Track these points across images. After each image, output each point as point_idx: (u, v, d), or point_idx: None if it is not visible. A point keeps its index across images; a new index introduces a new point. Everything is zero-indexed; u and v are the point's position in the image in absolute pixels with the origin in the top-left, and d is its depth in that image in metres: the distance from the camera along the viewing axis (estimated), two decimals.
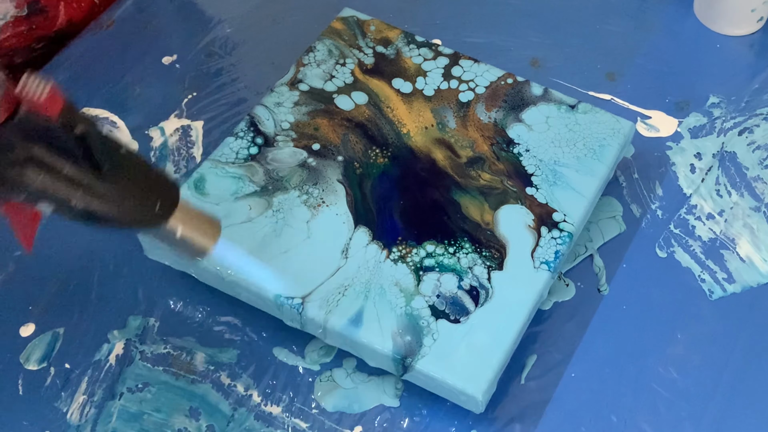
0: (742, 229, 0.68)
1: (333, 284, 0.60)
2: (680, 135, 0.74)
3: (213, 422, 0.60)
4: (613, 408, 0.60)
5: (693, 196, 0.70)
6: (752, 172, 0.71)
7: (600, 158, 0.66)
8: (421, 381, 0.58)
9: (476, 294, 0.60)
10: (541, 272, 0.61)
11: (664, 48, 0.80)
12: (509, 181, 0.65)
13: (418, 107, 0.69)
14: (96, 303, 0.65)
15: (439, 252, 0.61)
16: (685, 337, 0.63)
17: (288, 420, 0.60)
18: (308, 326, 0.60)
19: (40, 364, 0.62)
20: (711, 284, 0.66)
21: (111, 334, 0.63)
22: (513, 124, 0.68)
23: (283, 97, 0.69)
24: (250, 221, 0.63)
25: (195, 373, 0.62)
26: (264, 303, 0.61)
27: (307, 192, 0.64)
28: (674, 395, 0.61)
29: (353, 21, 0.74)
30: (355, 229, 0.63)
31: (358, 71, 0.71)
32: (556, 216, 0.63)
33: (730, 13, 0.79)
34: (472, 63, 0.71)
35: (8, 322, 0.64)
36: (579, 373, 0.62)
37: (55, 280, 0.66)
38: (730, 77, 0.78)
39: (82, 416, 0.60)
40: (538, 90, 0.70)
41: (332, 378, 0.61)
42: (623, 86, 0.77)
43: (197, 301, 0.65)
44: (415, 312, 0.59)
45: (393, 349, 0.57)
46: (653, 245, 0.68)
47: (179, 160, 0.72)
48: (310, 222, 0.63)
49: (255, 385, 0.61)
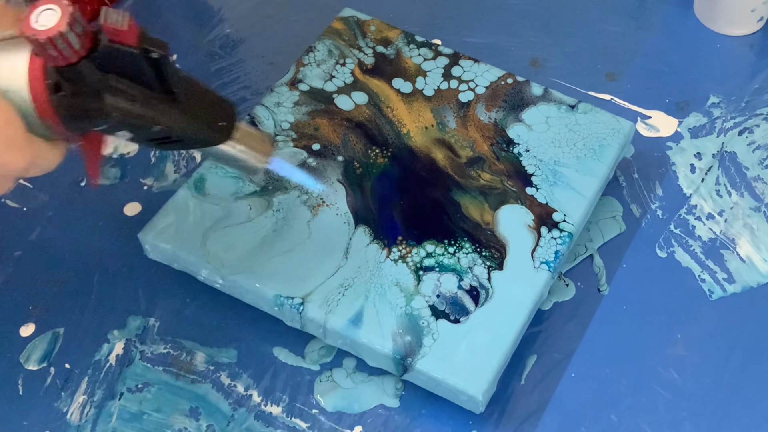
0: (742, 229, 0.68)
1: (333, 284, 0.60)
2: (680, 135, 0.74)
3: (213, 422, 0.60)
4: (613, 408, 0.60)
5: (693, 196, 0.70)
6: (752, 172, 0.71)
7: (600, 158, 0.66)
8: (421, 381, 0.58)
9: (476, 294, 0.60)
10: (541, 272, 0.61)
11: (664, 48, 0.80)
12: (509, 181, 0.65)
13: (418, 107, 0.69)
14: (96, 303, 0.65)
15: (439, 252, 0.61)
16: (685, 337, 0.63)
17: (288, 420, 0.60)
18: (308, 326, 0.60)
19: (40, 364, 0.62)
20: (711, 284, 0.66)
21: (111, 334, 0.63)
22: (513, 124, 0.68)
23: (283, 97, 0.69)
24: (250, 221, 0.63)
25: (195, 373, 0.62)
26: (264, 303, 0.61)
27: (307, 192, 0.64)
28: (674, 395, 0.61)
29: (353, 21, 0.74)
30: (355, 229, 0.63)
31: (358, 71, 0.71)
32: (556, 216, 0.63)
33: (730, 13, 0.79)
34: (472, 63, 0.71)
35: (8, 322, 0.64)
36: (579, 373, 0.62)
37: (55, 280, 0.66)
38: (730, 77, 0.78)
39: (82, 416, 0.60)
40: (538, 90, 0.70)
41: (332, 378, 0.61)
42: (623, 86, 0.77)
43: (197, 301, 0.65)
44: (415, 312, 0.59)
45: (393, 349, 0.57)
46: (653, 245, 0.68)
47: (179, 160, 0.72)
48: (311, 222, 0.63)
49: (255, 385, 0.61)
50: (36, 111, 0.44)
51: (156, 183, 0.71)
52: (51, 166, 0.47)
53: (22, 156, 0.44)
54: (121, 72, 0.45)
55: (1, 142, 0.43)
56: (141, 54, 0.45)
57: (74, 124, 0.45)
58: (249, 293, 0.61)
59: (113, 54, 0.44)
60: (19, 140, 0.44)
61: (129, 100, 0.45)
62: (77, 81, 0.44)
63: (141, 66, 0.45)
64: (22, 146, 0.44)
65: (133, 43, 0.44)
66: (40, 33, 0.42)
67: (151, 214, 0.64)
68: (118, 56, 0.44)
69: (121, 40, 0.44)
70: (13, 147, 0.44)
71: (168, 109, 0.47)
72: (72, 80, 0.44)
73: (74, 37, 0.42)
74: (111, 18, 0.43)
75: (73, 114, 0.45)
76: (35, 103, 0.44)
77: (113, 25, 0.43)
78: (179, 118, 0.48)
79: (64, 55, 0.43)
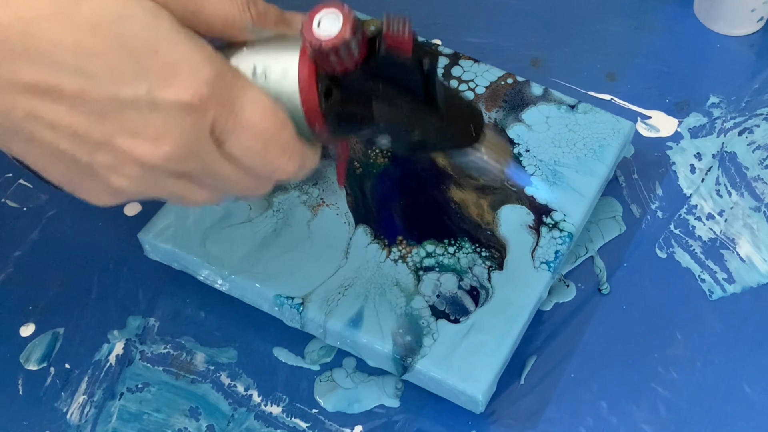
0: (742, 229, 0.68)
1: (333, 284, 0.60)
2: (680, 135, 0.74)
3: (213, 422, 0.60)
4: (613, 408, 0.60)
5: (693, 196, 0.70)
6: (752, 172, 0.71)
7: (600, 158, 0.66)
8: (421, 381, 0.58)
9: (476, 294, 0.60)
10: (542, 272, 0.61)
11: (664, 48, 0.80)
12: (509, 181, 0.65)
13: None
14: (96, 303, 0.65)
15: (439, 252, 0.61)
16: (685, 337, 0.63)
17: (288, 420, 0.60)
18: (308, 326, 0.60)
19: (40, 364, 0.62)
20: (711, 284, 0.66)
21: (111, 334, 0.63)
22: (513, 124, 0.68)
23: None
24: (250, 221, 0.63)
25: (195, 373, 0.62)
26: (264, 303, 0.61)
27: (307, 192, 0.64)
28: (674, 395, 0.61)
29: None
30: (355, 229, 0.63)
31: None
32: (556, 216, 0.63)
33: (730, 13, 0.79)
34: (472, 63, 0.71)
35: (8, 322, 0.64)
36: (579, 373, 0.62)
37: (55, 280, 0.66)
38: (730, 77, 0.78)
39: (82, 416, 0.60)
40: (538, 90, 0.70)
41: (332, 378, 0.61)
42: (623, 86, 0.77)
43: (197, 301, 0.65)
44: (415, 312, 0.59)
45: (393, 349, 0.58)
46: (653, 245, 0.68)
47: None
48: (311, 222, 0.63)
49: (255, 385, 0.61)
50: (305, 116, 0.44)
51: None
52: (311, 169, 0.46)
53: (294, 160, 0.44)
54: (391, 79, 0.44)
55: (277, 146, 0.43)
56: (413, 64, 0.44)
57: (340, 130, 0.45)
58: (249, 293, 0.61)
59: (388, 62, 0.43)
60: (292, 145, 0.44)
61: (396, 108, 0.45)
62: (349, 88, 0.43)
63: (411, 74, 0.44)
64: (295, 150, 0.44)
65: (409, 52, 0.43)
66: (325, 40, 0.41)
67: (151, 214, 0.64)
68: (393, 65, 0.43)
69: (399, 49, 0.43)
70: (287, 151, 0.43)
71: (429, 118, 0.46)
72: (344, 87, 0.43)
73: (356, 44, 0.41)
74: (393, 27, 0.42)
75: (341, 120, 0.44)
76: (305, 108, 0.43)
77: (395, 35, 0.42)
78: (438, 125, 0.47)
79: (344, 63, 0.42)
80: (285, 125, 0.43)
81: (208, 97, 0.40)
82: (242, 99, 0.42)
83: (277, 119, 0.43)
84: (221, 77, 0.41)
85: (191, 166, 0.42)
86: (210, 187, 0.44)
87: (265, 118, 0.42)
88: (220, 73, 0.41)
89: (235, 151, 0.42)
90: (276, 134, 0.43)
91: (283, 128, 0.43)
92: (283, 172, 0.44)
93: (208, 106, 0.40)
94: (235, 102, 0.41)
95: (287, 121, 0.43)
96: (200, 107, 0.40)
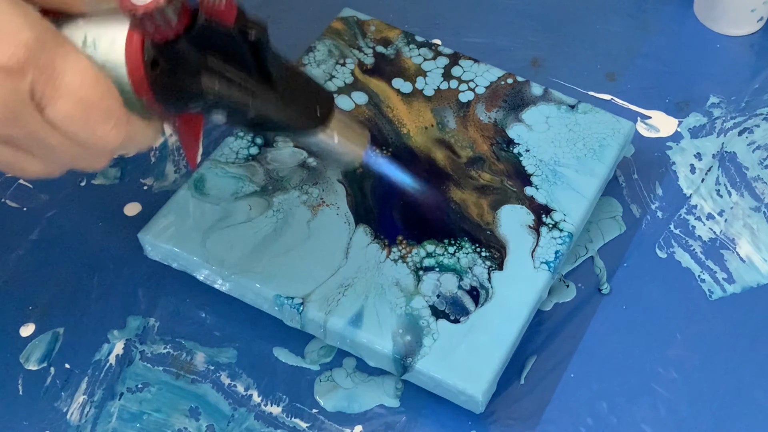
0: (742, 229, 0.68)
1: (333, 284, 0.60)
2: (680, 135, 0.74)
3: (213, 422, 0.60)
4: (613, 408, 0.60)
5: (693, 196, 0.70)
6: (752, 172, 0.71)
7: (600, 158, 0.66)
8: (421, 381, 0.58)
9: (476, 294, 0.60)
10: (542, 272, 0.61)
11: (664, 48, 0.80)
12: (509, 181, 0.65)
13: (418, 107, 0.69)
14: (96, 303, 0.65)
15: (439, 252, 0.61)
16: (685, 337, 0.63)
17: (288, 420, 0.60)
18: (308, 326, 0.60)
19: (40, 364, 0.62)
20: (711, 284, 0.66)
21: (111, 334, 0.63)
22: (513, 124, 0.68)
23: None
24: (250, 221, 0.63)
25: (195, 373, 0.62)
26: (264, 303, 0.61)
27: (307, 192, 0.64)
28: (674, 395, 0.61)
29: (353, 21, 0.74)
30: (356, 229, 0.63)
31: (358, 71, 0.71)
32: (556, 216, 0.63)
33: (730, 13, 0.79)
34: (472, 63, 0.71)
35: (8, 322, 0.64)
36: (579, 373, 0.62)
37: (55, 280, 0.66)
38: (730, 77, 0.78)
39: (82, 416, 0.60)
40: (538, 90, 0.70)
41: (332, 378, 0.61)
42: (623, 86, 0.77)
43: (197, 301, 0.65)
44: (415, 312, 0.59)
45: (393, 349, 0.58)
46: (653, 245, 0.68)
47: (179, 159, 0.72)
48: (311, 222, 0.63)
49: (255, 385, 0.61)
50: (132, 87, 0.44)
51: (156, 183, 0.71)
52: (146, 144, 0.46)
53: (119, 130, 0.44)
54: (220, 53, 0.44)
55: (99, 114, 0.43)
56: (238, 34, 0.44)
57: (169, 102, 0.45)
58: (249, 293, 0.61)
59: (210, 32, 0.43)
60: (117, 114, 0.43)
61: (225, 82, 0.45)
62: (175, 59, 0.43)
63: (239, 47, 0.44)
64: (120, 120, 0.44)
65: (230, 22, 0.43)
66: (138, 7, 0.41)
67: (151, 214, 0.64)
68: (215, 35, 0.44)
69: (218, 18, 0.43)
70: (110, 120, 0.43)
71: (265, 94, 0.46)
72: (169, 58, 0.43)
73: (172, 12, 0.42)
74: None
75: (169, 92, 0.44)
76: (131, 78, 0.44)
77: (211, 3, 0.43)
78: (276, 104, 0.47)
79: (161, 31, 0.42)
80: (109, 93, 0.43)
81: (25, 60, 0.40)
82: (63, 65, 0.41)
83: (100, 86, 0.42)
84: (41, 42, 0.41)
85: (14, 131, 0.42)
86: (42, 157, 0.44)
87: (85, 84, 0.42)
88: (40, 38, 0.41)
89: (55, 117, 0.42)
90: (98, 101, 0.42)
91: (106, 96, 0.43)
92: (107, 141, 0.44)
93: (26, 70, 0.40)
94: (55, 67, 0.41)
95: (112, 89, 0.43)
96: (18, 70, 0.40)
